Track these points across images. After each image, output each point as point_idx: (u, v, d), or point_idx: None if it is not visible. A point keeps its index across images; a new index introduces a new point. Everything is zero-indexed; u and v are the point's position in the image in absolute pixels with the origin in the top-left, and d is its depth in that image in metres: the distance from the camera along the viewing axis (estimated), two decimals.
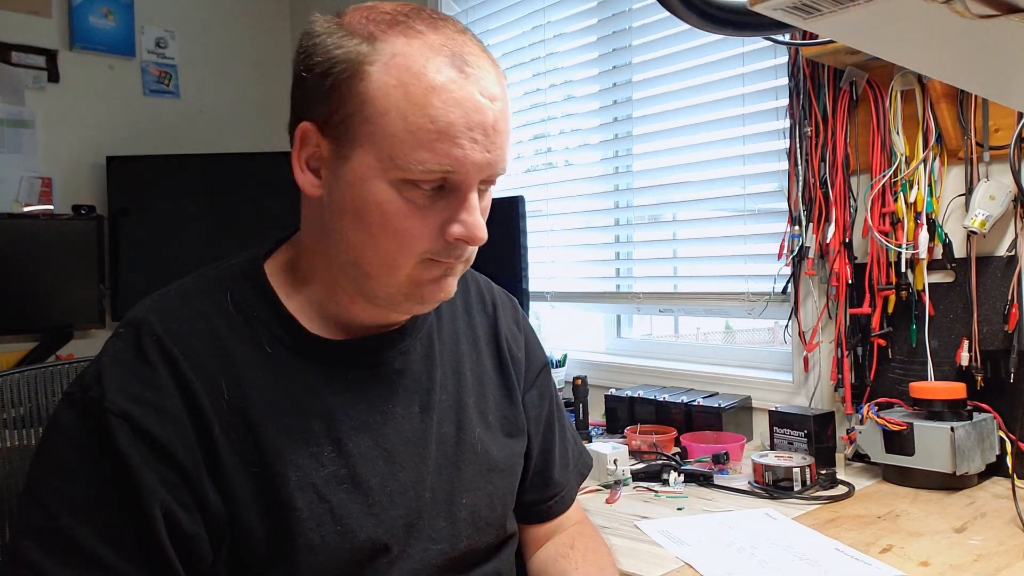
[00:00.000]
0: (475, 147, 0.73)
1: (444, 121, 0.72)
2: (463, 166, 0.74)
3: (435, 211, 0.76)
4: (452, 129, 0.72)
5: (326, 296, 0.83)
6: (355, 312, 0.83)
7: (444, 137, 0.72)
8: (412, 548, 0.84)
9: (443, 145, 0.72)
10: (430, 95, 0.72)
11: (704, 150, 2.01)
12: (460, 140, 0.73)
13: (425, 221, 0.76)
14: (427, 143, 0.72)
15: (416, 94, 0.72)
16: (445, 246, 0.77)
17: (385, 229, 0.75)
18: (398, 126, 0.72)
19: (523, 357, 1.01)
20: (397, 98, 0.72)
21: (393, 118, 0.72)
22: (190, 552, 0.74)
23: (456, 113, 0.72)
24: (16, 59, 2.62)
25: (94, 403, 0.73)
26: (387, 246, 0.76)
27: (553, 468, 1.03)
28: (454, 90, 0.72)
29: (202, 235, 2.65)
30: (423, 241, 0.76)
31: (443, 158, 0.73)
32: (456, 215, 0.76)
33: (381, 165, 0.74)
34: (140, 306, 0.81)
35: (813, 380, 1.74)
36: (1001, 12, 0.45)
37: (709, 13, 0.80)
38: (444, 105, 0.72)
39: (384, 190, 0.74)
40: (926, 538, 1.14)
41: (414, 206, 0.75)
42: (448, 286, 0.81)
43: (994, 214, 1.42)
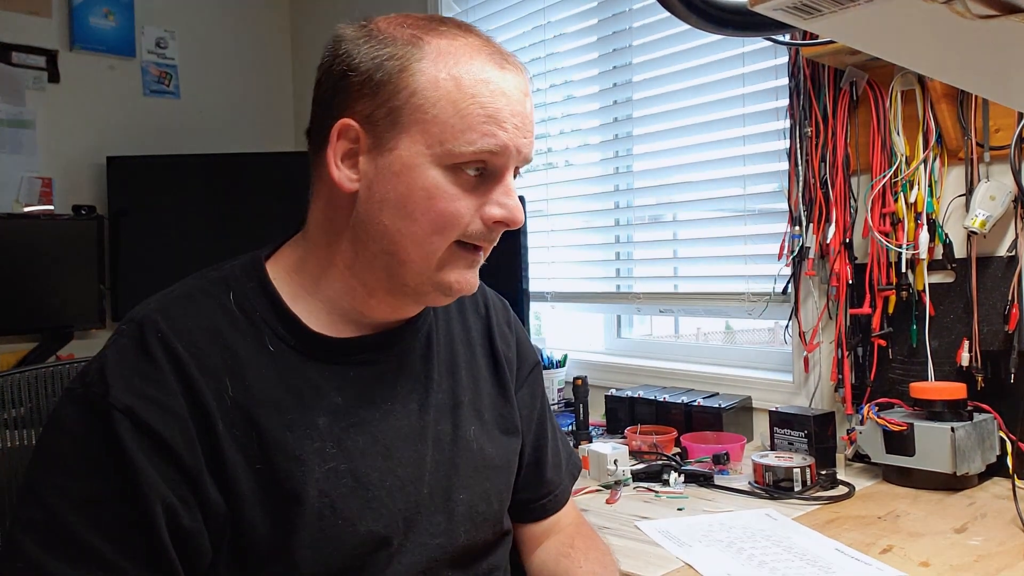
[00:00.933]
0: (516, 132, 0.80)
1: (493, 107, 0.79)
2: (506, 148, 0.80)
3: (476, 195, 0.81)
4: (499, 114, 0.79)
5: (342, 292, 0.85)
6: (371, 307, 0.86)
7: (492, 121, 0.79)
8: (411, 542, 0.85)
9: (491, 127, 0.79)
10: (479, 85, 0.79)
11: (704, 150, 2.01)
12: (505, 124, 0.79)
13: (467, 204, 0.80)
14: (476, 125, 0.78)
15: (467, 84, 0.79)
16: (482, 229, 0.82)
17: (429, 212, 0.80)
18: (449, 112, 0.78)
19: (514, 357, 1.03)
20: (448, 88, 0.78)
21: (444, 106, 0.78)
22: (190, 549, 0.74)
23: (502, 101, 0.80)
24: (16, 59, 2.62)
25: (98, 399, 0.73)
26: (428, 229, 0.80)
27: (546, 467, 1.04)
28: (499, 82, 0.80)
29: (202, 235, 2.65)
30: (463, 223, 0.80)
31: (490, 139, 0.79)
32: (496, 198, 0.81)
33: (431, 151, 0.79)
34: (144, 305, 0.82)
35: (813, 380, 1.74)
36: (1001, 12, 0.45)
37: (709, 13, 0.80)
38: (491, 94, 0.79)
39: (432, 175, 0.79)
40: (926, 538, 1.14)
41: (459, 190, 0.80)
42: (473, 278, 0.85)
43: (994, 214, 1.42)
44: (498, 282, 1.09)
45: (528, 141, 0.82)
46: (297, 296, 0.85)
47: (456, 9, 2.66)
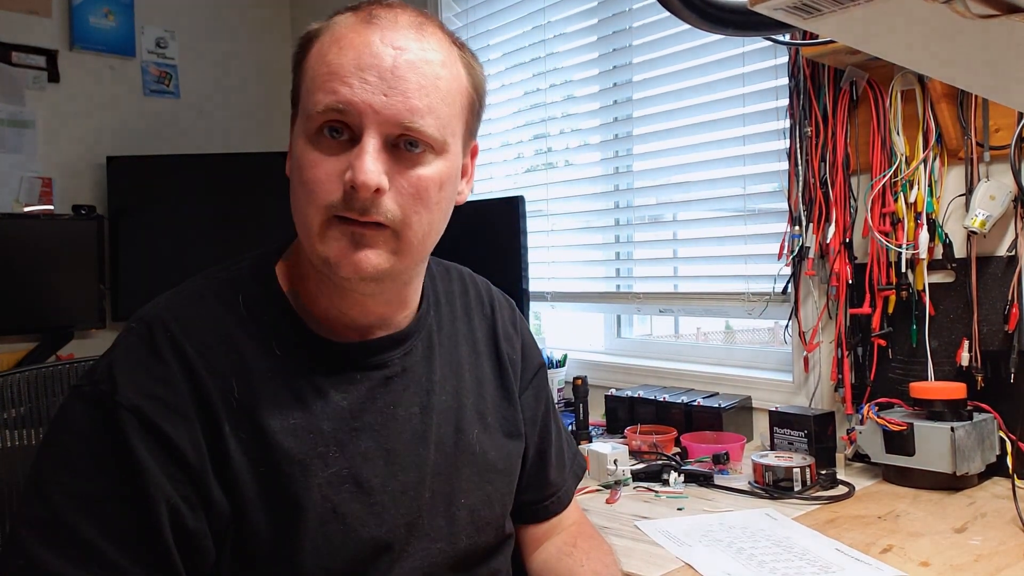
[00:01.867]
0: (365, 86, 0.74)
1: (336, 63, 0.76)
2: (352, 105, 0.74)
3: (339, 162, 0.76)
4: (341, 69, 0.75)
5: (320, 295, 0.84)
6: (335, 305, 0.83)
7: (334, 77, 0.75)
8: (413, 547, 0.85)
9: (332, 83, 0.75)
10: (331, 46, 0.77)
11: (704, 150, 2.01)
12: (348, 79, 0.75)
13: (328, 170, 0.76)
14: (321, 84, 0.76)
15: (324, 47, 0.78)
16: (344, 197, 0.75)
17: (299, 184, 0.78)
18: (308, 82, 0.78)
19: (519, 359, 1.02)
20: (312, 58, 0.78)
21: (307, 75, 0.79)
22: (193, 550, 0.74)
23: (349, 55, 0.76)
24: (16, 59, 2.63)
25: (105, 397, 0.73)
26: (300, 202, 0.78)
27: (549, 468, 1.04)
28: (352, 37, 0.77)
29: (202, 235, 2.65)
30: (325, 191, 0.76)
31: (331, 95, 0.75)
32: (352, 161, 0.75)
33: (301, 124, 0.79)
34: (153, 304, 0.82)
35: (813, 380, 1.74)
36: (1001, 12, 0.45)
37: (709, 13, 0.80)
38: (340, 51, 0.76)
39: (302, 146, 0.78)
40: (926, 538, 1.14)
41: (320, 155, 0.76)
42: (360, 257, 0.77)
43: (994, 214, 1.42)
44: (498, 282, 1.09)
45: (392, 100, 0.74)
46: (303, 300, 0.84)
47: (456, 9, 2.66)
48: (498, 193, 2.52)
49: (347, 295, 0.82)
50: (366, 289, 0.81)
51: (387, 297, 0.85)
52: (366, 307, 0.84)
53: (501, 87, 2.54)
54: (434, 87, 0.77)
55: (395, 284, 0.84)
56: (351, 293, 0.82)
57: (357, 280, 0.78)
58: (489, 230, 2.03)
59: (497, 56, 2.54)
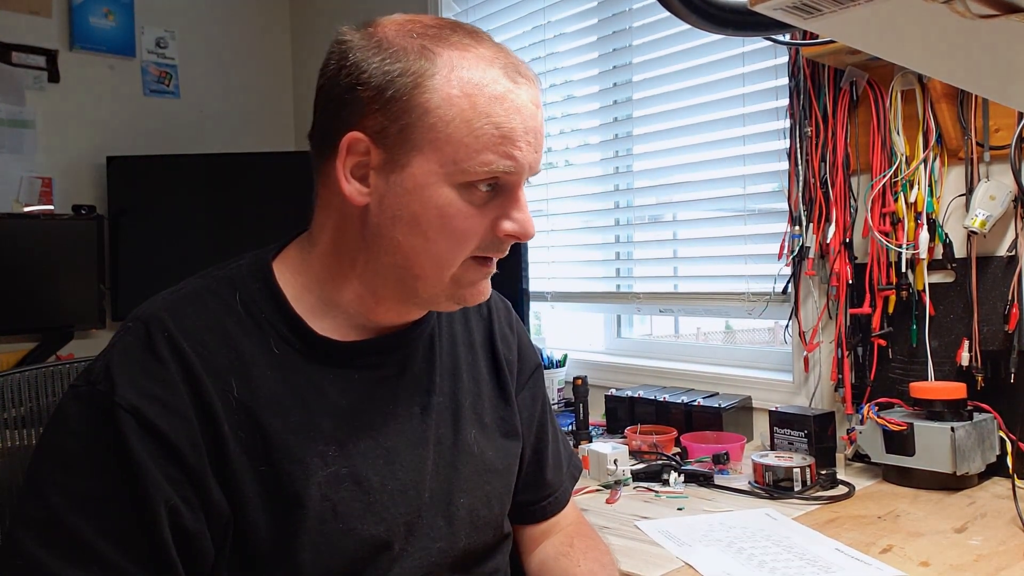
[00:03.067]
0: (529, 149, 0.80)
1: (507, 127, 0.78)
2: (520, 166, 0.79)
3: (488, 210, 0.81)
4: (514, 134, 0.78)
5: (352, 299, 0.84)
6: (378, 313, 0.86)
7: (507, 141, 0.78)
8: (412, 546, 0.85)
9: (505, 148, 0.78)
10: (493, 104, 0.78)
11: (704, 150, 2.01)
12: (519, 143, 0.79)
13: (481, 220, 0.81)
14: (492, 146, 0.78)
15: (480, 102, 0.78)
16: (495, 241, 0.82)
17: (443, 230, 0.79)
18: (463, 131, 0.77)
19: (516, 360, 1.03)
20: (462, 107, 0.77)
21: (459, 125, 0.77)
22: (192, 550, 0.74)
23: (516, 119, 0.79)
24: (16, 59, 2.62)
25: (103, 396, 0.73)
26: (443, 246, 0.80)
27: (546, 469, 1.04)
28: (513, 99, 0.79)
29: (202, 235, 2.65)
30: (476, 239, 0.81)
31: (505, 160, 0.78)
32: (509, 213, 0.81)
33: (444, 170, 0.78)
34: (150, 303, 0.81)
35: (813, 380, 1.74)
36: (1001, 12, 0.45)
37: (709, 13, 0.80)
38: (506, 112, 0.78)
39: (446, 193, 0.79)
40: (926, 538, 1.14)
41: (472, 207, 0.80)
42: (486, 288, 0.87)
43: (994, 214, 1.42)
44: (498, 282, 1.09)
45: (539, 155, 0.82)
46: (302, 299, 0.84)
47: (456, 9, 2.66)
48: None
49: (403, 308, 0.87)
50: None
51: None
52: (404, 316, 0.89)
53: None
54: None
55: None
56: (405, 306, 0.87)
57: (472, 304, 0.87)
58: None
59: None
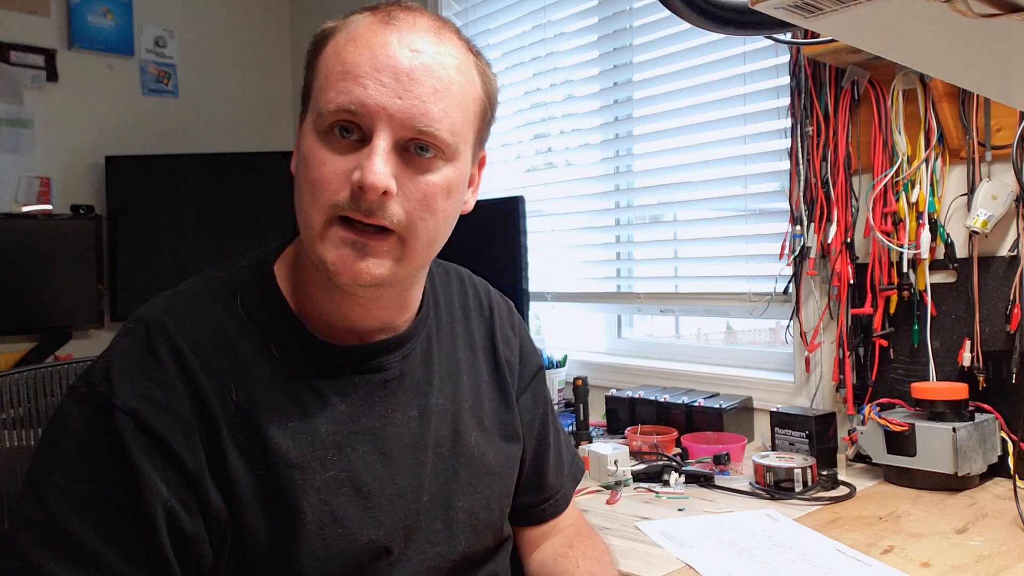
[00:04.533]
0: (380, 88, 0.74)
1: (351, 62, 0.75)
2: (365, 106, 0.74)
3: (347, 161, 0.75)
4: (356, 68, 0.74)
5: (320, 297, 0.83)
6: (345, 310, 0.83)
7: (348, 76, 0.74)
8: (411, 551, 0.85)
9: (346, 83, 0.74)
10: (347, 43, 0.76)
11: (705, 150, 2.00)
12: (363, 79, 0.74)
13: (336, 169, 0.75)
14: (334, 83, 0.75)
15: (340, 44, 0.77)
16: (351, 197, 0.74)
17: (304, 181, 0.77)
18: (321, 77, 0.78)
19: (517, 361, 1.02)
20: (327, 55, 0.78)
21: (320, 72, 0.78)
22: (190, 553, 0.74)
23: (364, 55, 0.75)
24: (15, 58, 2.62)
25: (102, 398, 0.73)
26: (304, 199, 0.77)
27: (547, 471, 1.04)
28: (369, 37, 0.76)
29: (201, 235, 2.65)
30: (330, 190, 0.75)
31: (344, 95, 0.74)
32: (360, 161, 0.74)
33: (311, 121, 0.78)
34: (150, 305, 0.81)
35: (814, 381, 1.73)
36: (1003, 11, 0.44)
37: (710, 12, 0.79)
38: (356, 49, 0.75)
39: (310, 142, 0.77)
40: (927, 539, 1.14)
41: (329, 153, 0.76)
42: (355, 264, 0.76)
43: (996, 214, 1.42)
44: (498, 282, 1.09)
45: (407, 103, 0.74)
46: (302, 302, 0.84)
47: (456, 8, 2.66)
48: (498, 193, 2.52)
49: (348, 298, 0.82)
50: (365, 294, 0.81)
51: (387, 302, 0.85)
52: (367, 310, 0.84)
53: (501, 86, 2.53)
54: (448, 92, 0.77)
55: (396, 290, 0.84)
56: (352, 297, 0.81)
57: (356, 287, 0.78)
58: (489, 230, 2.03)
59: (497, 55, 2.53)
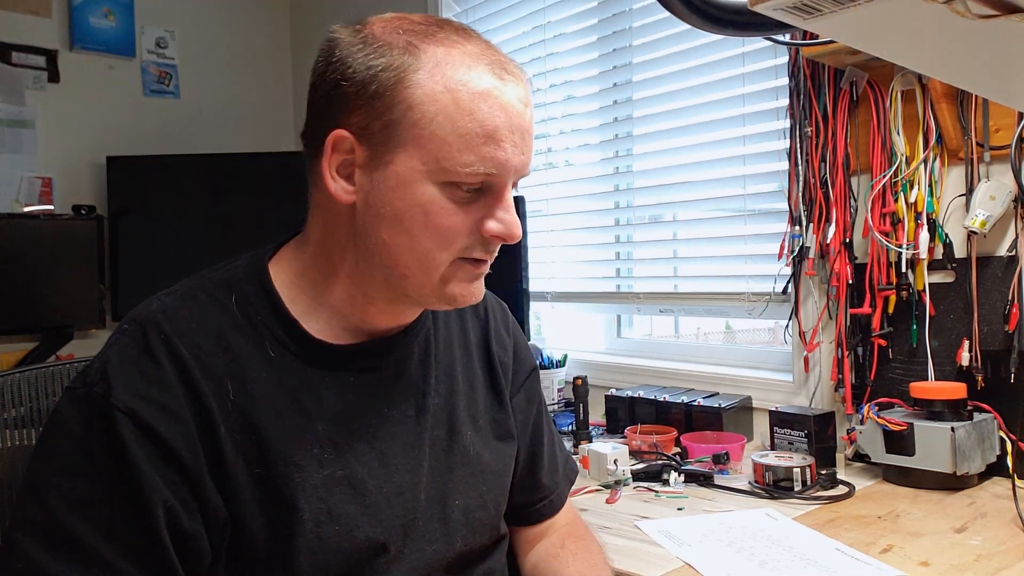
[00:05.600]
0: (515, 150, 0.78)
1: (491, 125, 0.76)
2: (504, 168, 0.78)
3: (473, 210, 0.79)
4: (497, 133, 0.76)
5: (343, 299, 0.84)
6: (371, 315, 0.85)
7: (490, 140, 0.76)
8: (409, 548, 0.85)
9: (488, 148, 0.76)
10: (477, 100, 0.76)
11: (704, 150, 2.01)
12: (503, 144, 0.77)
13: (464, 220, 0.79)
14: (474, 146, 0.76)
15: (464, 99, 0.76)
16: (481, 242, 0.80)
17: (427, 229, 0.78)
18: (446, 129, 0.75)
19: (511, 362, 1.02)
20: (445, 103, 0.75)
21: (441, 122, 0.75)
22: (190, 552, 0.74)
23: (500, 117, 0.76)
24: (16, 59, 2.62)
25: (99, 399, 0.73)
26: (427, 245, 0.79)
27: (541, 472, 1.04)
28: (498, 96, 0.77)
29: (202, 235, 2.65)
30: (462, 238, 0.79)
31: (488, 161, 0.77)
32: (493, 213, 0.80)
33: (427, 168, 0.77)
34: (145, 305, 0.81)
35: (813, 380, 1.74)
36: (1001, 12, 0.45)
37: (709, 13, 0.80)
38: (490, 110, 0.76)
39: (429, 191, 0.77)
40: (926, 538, 1.14)
41: (456, 206, 0.78)
42: (478, 289, 0.85)
43: (994, 214, 1.42)
44: (498, 282, 1.09)
45: (527, 157, 0.80)
46: (298, 301, 0.84)
47: (456, 9, 2.66)
48: None
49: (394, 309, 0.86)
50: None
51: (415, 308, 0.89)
52: (398, 318, 0.88)
53: None
54: None
55: None
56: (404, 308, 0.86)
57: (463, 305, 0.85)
58: None
59: None
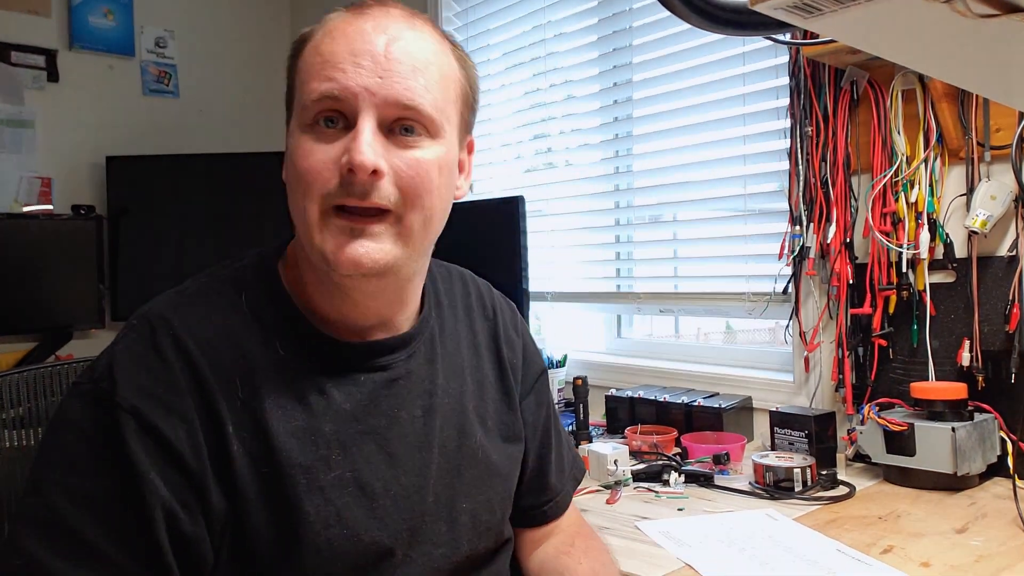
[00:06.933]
0: (360, 71, 0.75)
1: (328, 51, 0.77)
2: (347, 89, 0.75)
3: (335, 148, 0.76)
4: (335, 57, 0.76)
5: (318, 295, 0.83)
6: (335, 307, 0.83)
7: (327, 65, 0.76)
8: (415, 552, 0.84)
9: (326, 71, 0.76)
10: (324, 38, 0.78)
11: (705, 150, 2.00)
12: (342, 65, 0.76)
13: (323, 158, 0.76)
14: (315, 74, 0.77)
15: (317, 40, 0.79)
16: (341, 182, 0.75)
17: (294, 178, 0.78)
18: (302, 73, 0.79)
19: (520, 363, 1.02)
20: (306, 54, 0.79)
21: (300, 70, 0.80)
22: (190, 554, 0.73)
23: (341, 43, 0.77)
24: (16, 59, 2.62)
25: (104, 396, 0.73)
26: (297, 196, 0.78)
27: (550, 473, 1.04)
28: (344, 27, 0.78)
29: (202, 235, 2.65)
30: (323, 178, 0.75)
31: (326, 82, 0.76)
32: (347, 144, 0.75)
33: (295, 118, 0.79)
34: (154, 302, 0.81)
35: (814, 380, 1.74)
36: (1002, 12, 0.45)
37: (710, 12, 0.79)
38: (332, 40, 0.78)
39: (296, 138, 0.78)
40: (927, 539, 1.14)
41: (316, 145, 0.76)
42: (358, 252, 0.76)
43: (995, 214, 1.42)
44: (498, 282, 1.09)
45: (387, 82, 0.75)
46: (300, 298, 0.84)
47: (456, 8, 2.66)
48: (498, 193, 2.52)
49: (347, 296, 0.81)
50: (367, 287, 0.80)
51: (388, 297, 0.84)
52: (367, 308, 0.83)
53: (501, 87, 2.54)
54: (427, 70, 0.79)
55: (396, 280, 0.83)
56: (352, 293, 0.81)
57: (358, 277, 0.77)
58: (489, 230, 2.03)
59: (497, 56, 2.53)
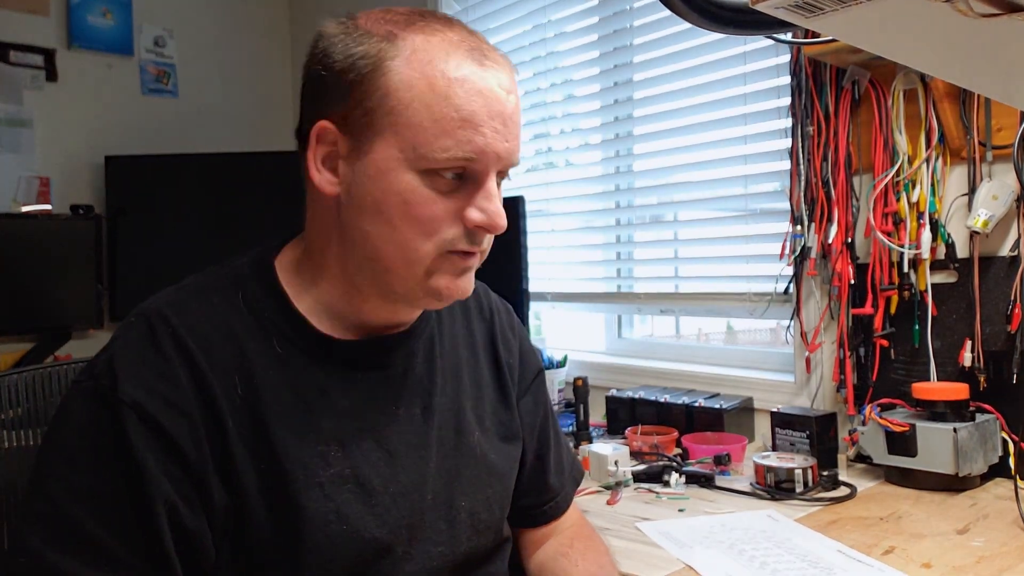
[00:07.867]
0: (496, 136, 0.77)
1: (467, 110, 0.75)
2: (484, 154, 0.76)
3: (455, 199, 0.78)
4: (475, 117, 0.75)
5: (337, 296, 0.83)
6: (366, 311, 0.84)
7: (467, 125, 0.75)
8: (415, 549, 0.85)
9: (466, 133, 0.75)
10: (453, 86, 0.75)
11: (705, 150, 2.00)
12: (482, 128, 0.76)
13: (446, 209, 0.77)
14: (450, 131, 0.75)
15: (440, 85, 0.75)
16: (465, 233, 0.78)
17: (407, 218, 0.77)
18: (422, 115, 0.75)
19: (517, 363, 1.02)
20: (421, 89, 0.75)
21: (417, 108, 0.75)
22: (192, 548, 0.74)
23: (478, 102, 0.75)
24: (14, 58, 2.62)
25: (106, 392, 0.73)
26: (408, 235, 0.77)
27: (548, 473, 1.04)
28: (476, 81, 0.76)
29: (200, 235, 2.64)
30: (443, 228, 0.77)
31: (466, 145, 0.75)
32: (475, 202, 0.78)
33: (404, 156, 0.76)
34: (153, 299, 0.81)
35: (815, 381, 1.73)
36: (1004, 11, 0.44)
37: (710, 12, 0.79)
38: (467, 95, 0.75)
39: (407, 180, 0.76)
40: (928, 540, 1.14)
41: (436, 194, 0.77)
42: (466, 283, 0.82)
43: (997, 214, 1.41)
44: (498, 282, 1.09)
45: (511, 145, 0.79)
46: (302, 298, 0.84)
47: (456, 8, 2.65)
48: None
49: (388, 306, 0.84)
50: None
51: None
52: (395, 315, 0.86)
53: None
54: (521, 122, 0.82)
55: None
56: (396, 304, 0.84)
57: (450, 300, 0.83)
58: None
59: None
